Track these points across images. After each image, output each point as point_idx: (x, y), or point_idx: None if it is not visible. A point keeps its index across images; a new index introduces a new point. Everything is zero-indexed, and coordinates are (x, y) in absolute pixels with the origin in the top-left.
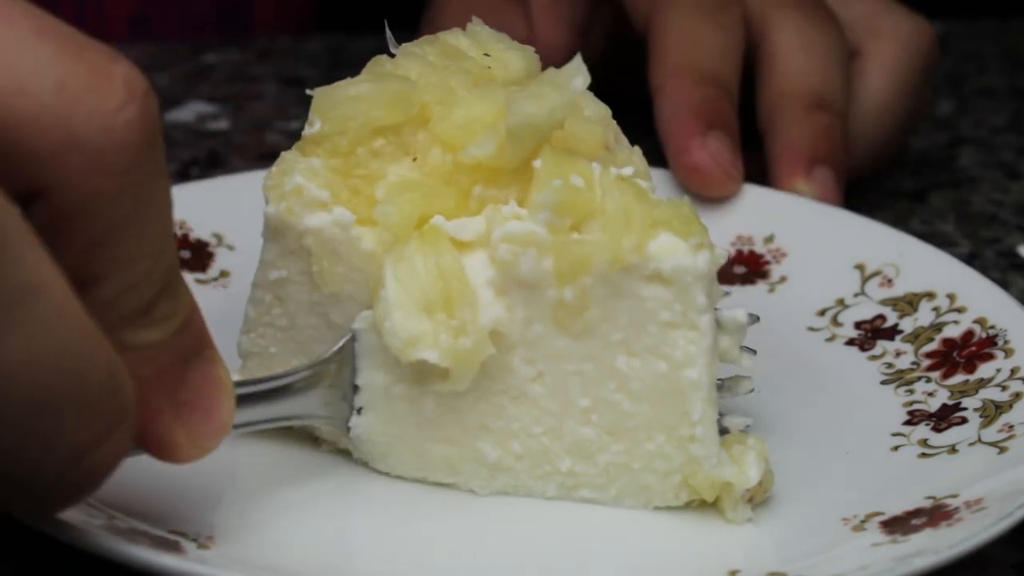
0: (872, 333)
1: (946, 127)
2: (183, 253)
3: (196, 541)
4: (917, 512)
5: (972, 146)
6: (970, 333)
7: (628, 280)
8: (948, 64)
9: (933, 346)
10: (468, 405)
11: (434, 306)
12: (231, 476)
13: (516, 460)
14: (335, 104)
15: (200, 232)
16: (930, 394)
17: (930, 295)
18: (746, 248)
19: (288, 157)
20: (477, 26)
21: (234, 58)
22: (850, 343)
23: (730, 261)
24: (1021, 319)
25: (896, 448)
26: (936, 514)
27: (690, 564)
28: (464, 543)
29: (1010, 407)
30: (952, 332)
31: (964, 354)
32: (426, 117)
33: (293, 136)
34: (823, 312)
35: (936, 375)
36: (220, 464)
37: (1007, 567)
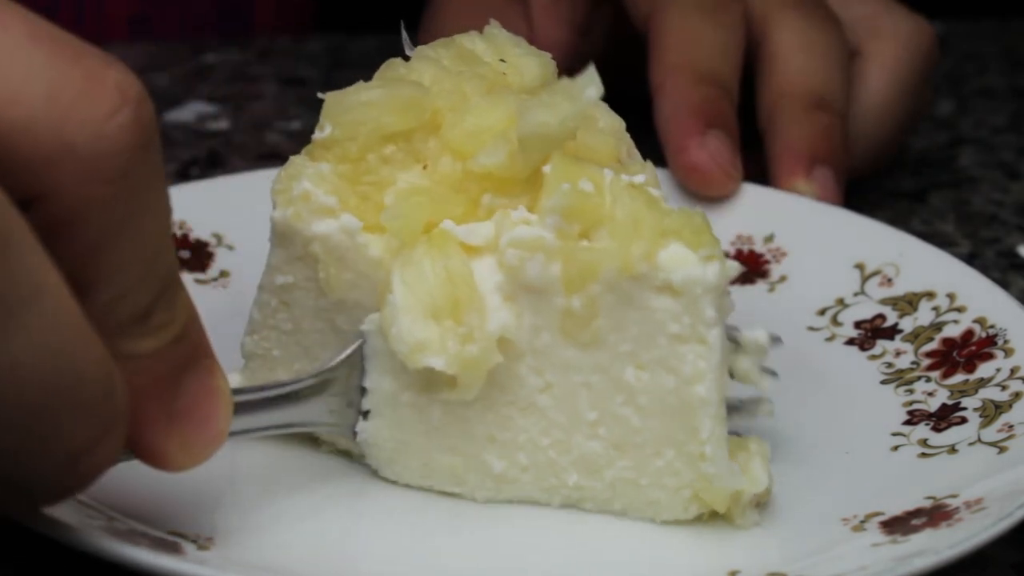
0: (872, 333)
1: (946, 127)
2: (183, 253)
3: (195, 542)
4: (917, 512)
5: (972, 146)
6: (970, 333)
7: (637, 289)
8: (948, 64)
9: (933, 346)
10: (476, 415)
11: (442, 312)
12: (230, 477)
13: (522, 472)
14: (346, 109)
15: (200, 232)
16: (930, 394)
17: (930, 295)
18: (746, 248)
19: (296, 162)
20: (495, 29)
21: (234, 58)
22: (850, 343)
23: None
24: (1021, 319)
25: (896, 448)
26: (936, 514)
27: (690, 564)
28: (466, 547)
29: (1010, 407)
30: (952, 332)
31: (964, 354)
32: (437, 124)
33: (293, 136)
34: (823, 312)
35: (936, 375)
36: (219, 466)
37: (1007, 567)
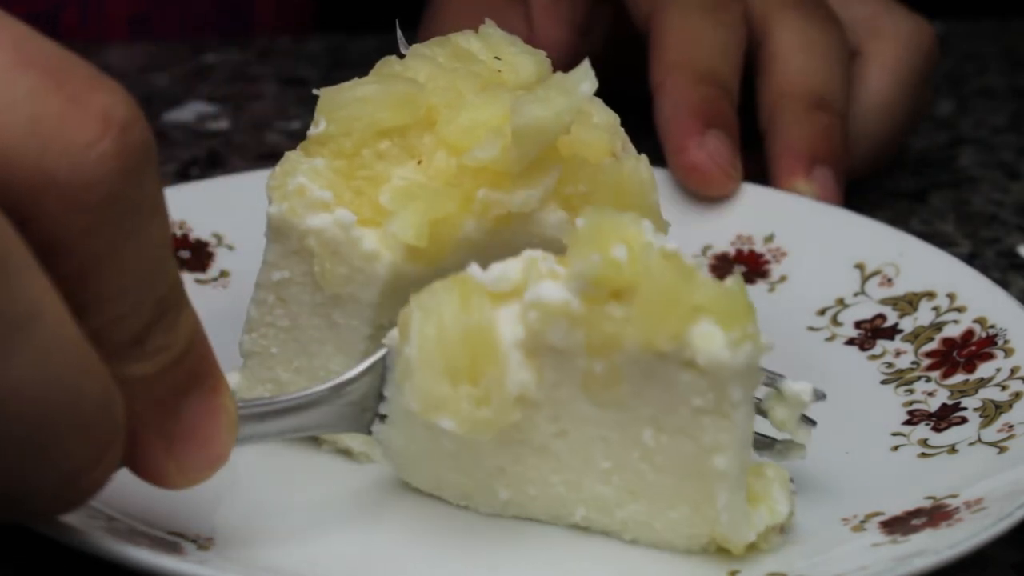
0: (872, 333)
1: (946, 127)
2: (183, 253)
3: (196, 542)
4: (917, 512)
5: (972, 146)
6: (970, 333)
7: (662, 364)
8: (948, 64)
9: (933, 346)
10: (488, 449)
11: (459, 374)
12: (231, 477)
13: (530, 500)
14: (341, 105)
15: (200, 232)
16: (930, 394)
17: (930, 295)
18: (746, 247)
19: (292, 157)
20: (490, 28)
21: (234, 58)
22: (850, 343)
23: (730, 260)
24: (1021, 319)
25: (896, 448)
26: (936, 514)
27: (691, 564)
28: (466, 547)
29: (1010, 407)
30: (952, 332)
31: (964, 354)
32: (432, 120)
33: (293, 136)
34: (823, 312)
35: (936, 375)
36: None
37: (1007, 567)
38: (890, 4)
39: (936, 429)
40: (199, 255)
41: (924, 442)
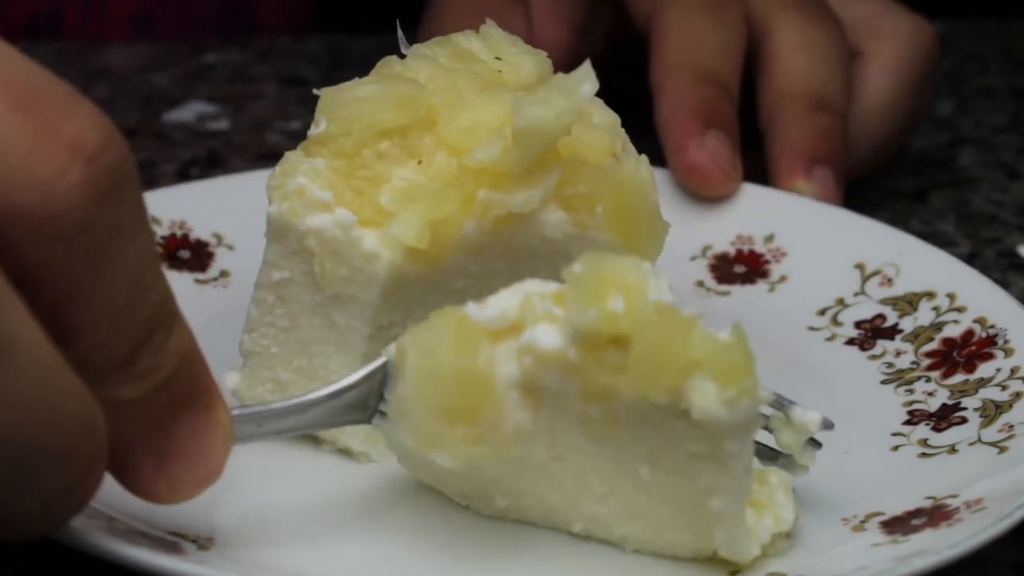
0: (872, 333)
1: (946, 127)
2: (183, 253)
3: (196, 542)
4: (917, 512)
5: (972, 146)
6: (970, 333)
7: (658, 414)
8: (948, 64)
9: (933, 346)
10: (486, 465)
11: (455, 416)
12: (230, 477)
13: (527, 510)
14: (341, 105)
15: (200, 232)
16: (930, 394)
17: (930, 295)
18: (746, 248)
19: (292, 157)
20: (491, 28)
21: (234, 58)
22: (850, 343)
23: (730, 260)
24: (1021, 319)
25: (896, 448)
26: (936, 514)
27: (691, 563)
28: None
29: (1010, 407)
30: (952, 332)
31: (964, 354)
32: (433, 120)
33: (293, 136)
34: (823, 311)
35: (936, 375)
36: None
37: (1007, 567)
38: (890, 4)
39: (936, 429)
40: (199, 255)
41: (924, 442)
